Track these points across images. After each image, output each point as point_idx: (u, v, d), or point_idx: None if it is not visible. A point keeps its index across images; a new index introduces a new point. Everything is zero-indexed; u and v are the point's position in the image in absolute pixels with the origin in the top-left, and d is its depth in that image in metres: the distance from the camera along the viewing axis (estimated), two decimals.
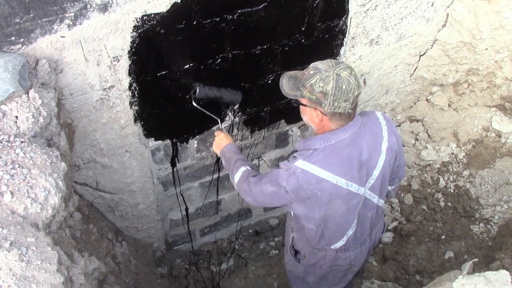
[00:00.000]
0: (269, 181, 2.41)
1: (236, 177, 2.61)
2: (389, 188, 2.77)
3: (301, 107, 2.38)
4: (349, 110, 2.26)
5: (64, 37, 2.20)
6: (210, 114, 2.92)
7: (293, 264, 3.02)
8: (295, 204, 2.44)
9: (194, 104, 2.85)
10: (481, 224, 3.93)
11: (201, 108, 2.89)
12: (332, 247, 2.68)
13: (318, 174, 2.30)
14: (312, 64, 2.27)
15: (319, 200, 2.37)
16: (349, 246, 2.69)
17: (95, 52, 2.35)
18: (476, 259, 2.72)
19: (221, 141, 2.84)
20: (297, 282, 3.13)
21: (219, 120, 2.98)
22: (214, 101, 2.90)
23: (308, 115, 2.35)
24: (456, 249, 3.93)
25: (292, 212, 2.68)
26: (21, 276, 1.68)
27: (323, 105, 2.23)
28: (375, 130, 2.44)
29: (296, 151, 2.46)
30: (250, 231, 4.48)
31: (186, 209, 3.80)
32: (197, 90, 2.78)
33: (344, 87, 2.17)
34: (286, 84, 2.38)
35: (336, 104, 2.21)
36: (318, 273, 2.89)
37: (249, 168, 2.61)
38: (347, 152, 2.33)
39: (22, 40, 2.11)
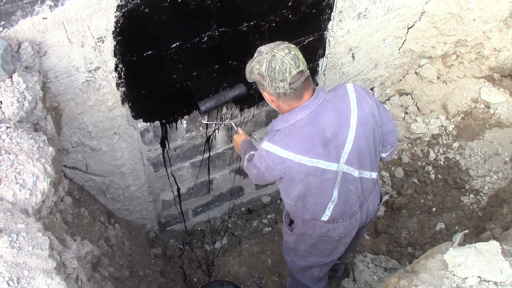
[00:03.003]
0: (252, 163, 2.55)
1: (243, 164, 2.80)
2: (383, 155, 2.72)
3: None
4: (290, 90, 2.28)
5: (46, 18, 2.15)
6: (222, 123, 3.16)
7: (286, 233, 3.07)
8: (277, 182, 2.57)
9: (204, 122, 3.14)
10: (471, 195, 3.97)
11: (212, 122, 3.18)
12: (319, 219, 2.71)
13: (280, 154, 2.38)
14: (258, 48, 2.33)
15: (290, 178, 2.45)
16: (336, 218, 2.72)
17: (78, 33, 2.30)
18: (467, 230, 2.75)
19: (236, 141, 3.05)
20: (289, 252, 3.18)
21: (232, 123, 3.18)
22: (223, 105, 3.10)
23: (264, 97, 2.45)
24: (447, 220, 3.97)
25: None
26: (13, 263, 1.67)
27: (265, 86, 2.31)
28: (340, 105, 2.42)
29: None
30: (243, 209, 4.50)
31: (178, 189, 3.79)
32: (201, 108, 2.97)
33: (277, 67, 2.22)
34: (247, 68, 2.43)
35: (274, 85, 2.27)
36: (308, 242, 2.93)
37: (251, 152, 2.72)
38: (307, 131, 2.37)
39: (2, 23, 2.07)
